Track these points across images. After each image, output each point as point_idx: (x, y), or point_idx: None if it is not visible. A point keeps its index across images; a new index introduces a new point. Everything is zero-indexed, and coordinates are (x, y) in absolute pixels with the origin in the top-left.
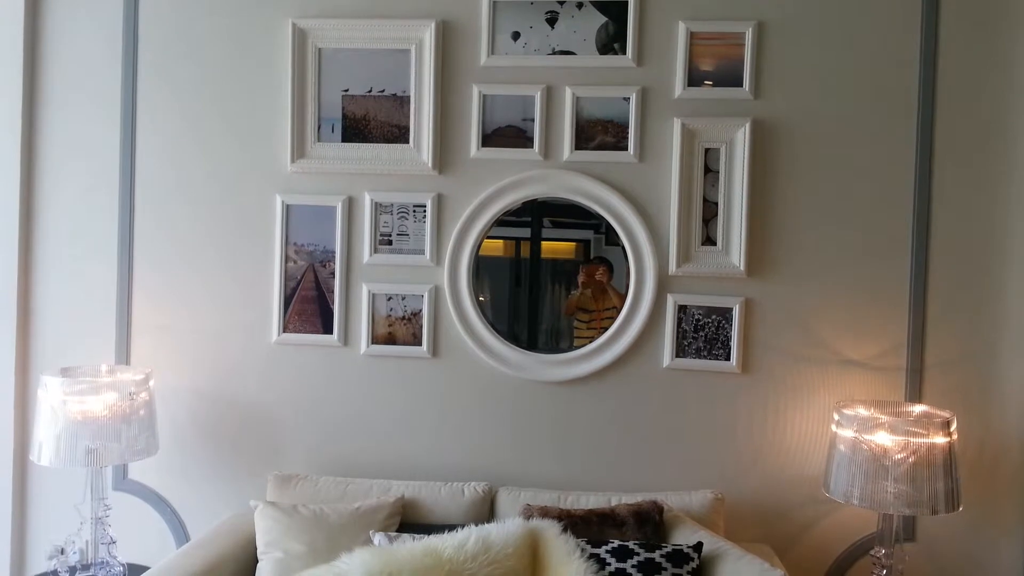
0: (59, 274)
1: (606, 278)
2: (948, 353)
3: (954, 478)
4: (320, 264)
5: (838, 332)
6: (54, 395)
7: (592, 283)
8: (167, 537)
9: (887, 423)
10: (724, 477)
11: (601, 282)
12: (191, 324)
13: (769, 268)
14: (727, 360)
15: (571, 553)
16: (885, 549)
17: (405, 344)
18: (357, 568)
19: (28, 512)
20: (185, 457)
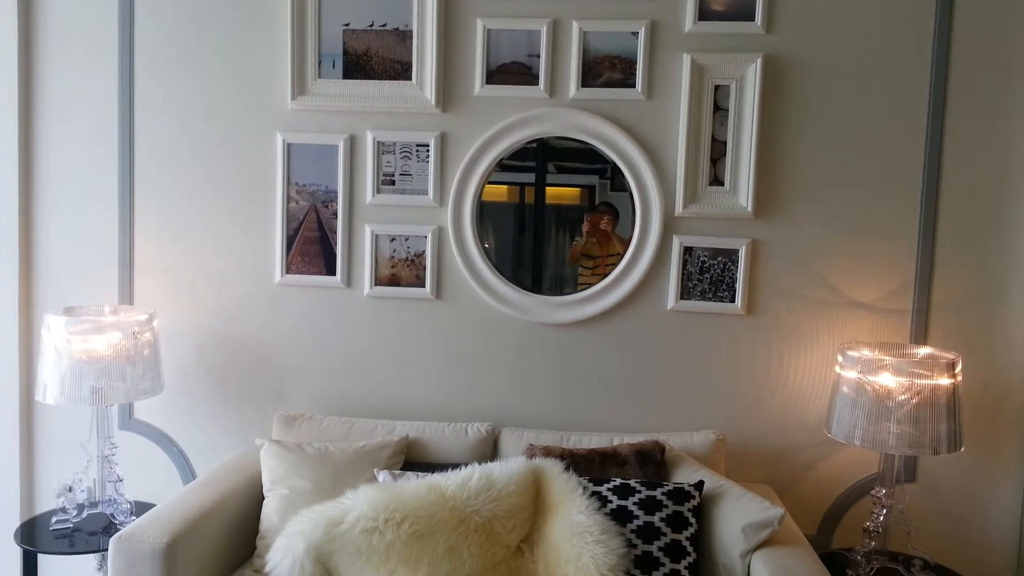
0: (60, 215)
1: (610, 227)
2: (955, 295)
3: (957, 419)
4: (322, 204)
5: (844, 274)
6: (57, 334)
7: (596, 232)
8: (173, 475)
9: (891, 364)
10: (726, 418)
11: (605, 231)
12: (194, 265)
13: (777, 209)
14: (732, 302)
15: (573, 491)
16: (886, 489)
17: (409, 286)
18: (362, 504)
19: (35, 451)
20: (190, 397)
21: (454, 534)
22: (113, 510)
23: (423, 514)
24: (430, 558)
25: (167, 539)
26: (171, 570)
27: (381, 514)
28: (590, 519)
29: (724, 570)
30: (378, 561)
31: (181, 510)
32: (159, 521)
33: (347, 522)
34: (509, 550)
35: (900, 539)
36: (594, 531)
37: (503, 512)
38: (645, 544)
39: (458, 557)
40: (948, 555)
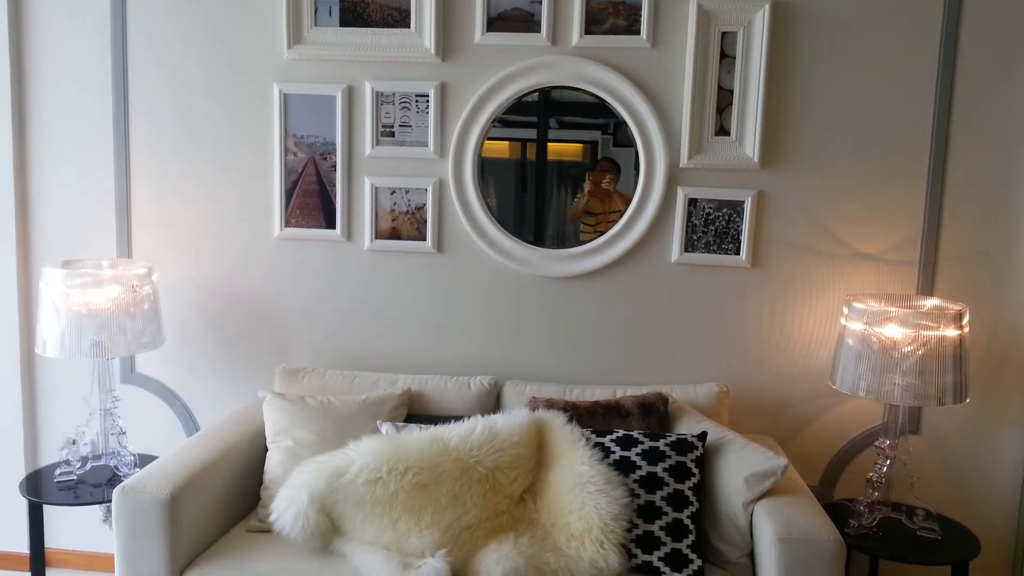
0: (56, 168)
1: (612, 185)
2: (963, 247)
3: (963, 371)
4: (321, 157)
5: (851, 225)
6: (55, 288)
7: (599, 191)
8: (177, 429)
9: (897, 316)
10: (730, 371)
11: (608, 190)
12: (192, 218)
13: (784, 159)
14: (737, 254)
15: (576, 442)
16: (889, 440)
17: (409, 239)
18: (366, 454)
19: (38, 405)
20: (192, 351)
21: (457, 484)
22: (117, 462)
23: (426, 465)
24: (434, 507)
25: (171, 490)
26: (175, 520)
27: (384, 465)
28: (593, 469)
29: (727, 519)
30: (382, 510)
31: (184, 461)
32: (162, 472)
33: (351, 473)
34: (512, 500)
35: (903, 490)
36: (597, 481)
37: (506, 463)
38: (648, 494)
39: (461, 506)
40: (950, 506)
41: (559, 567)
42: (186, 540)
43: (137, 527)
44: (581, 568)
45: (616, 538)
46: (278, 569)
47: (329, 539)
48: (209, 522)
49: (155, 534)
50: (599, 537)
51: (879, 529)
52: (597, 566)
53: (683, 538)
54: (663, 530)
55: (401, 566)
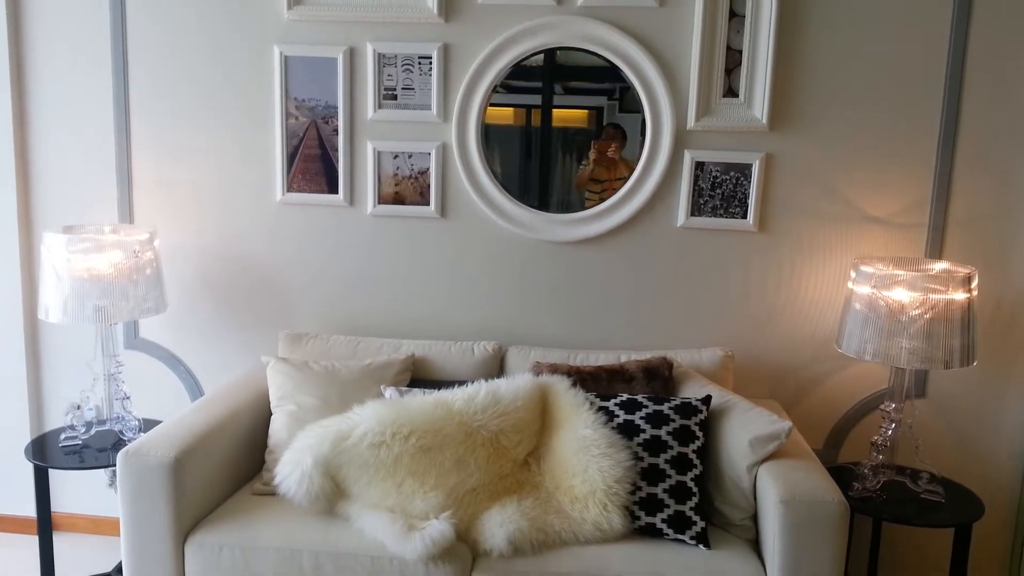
0: (56, 135)
1: (617, 154)
2: (972, 210)
3: (971, 334)
4: (322, 120)
5: (860, 188)
6: (57, 253)
7: (604, 160)
8: (181, 394)
9: (905, 279)
10: (736, 336)
11: (613, 159)
12: (193, 183)
13: (793, 121)
14: (744, 218)
15: (580, 405)
16: (895, 404)
17: (413, 204)
18: (369, 418)
19: (42, 370)
20: (196, 316)
21: (461, 448)
22: (121, 427)
23: (430, 428)
24: (437, 471)
25: (175, 453)
26: (180, 484)
27: (388, 428)
28: (597, 433)
29: (730, 482)
30: (386, 473)
31: (189, 425)
32: (167, 436)
33: (354, 436)
34: (516, 463)
35: (907, 454)
36: (600, 445)
37: (510, 427)
38: (652, 457)
39: (465, 470)
40: (955, 470)
41: (562, 529)
42: (191, 503)
43: (142, 490)
44: (584, 530)
45: (619, 500)
46: (283, 531)
47: (334, 502)
48: (214, 485)
49: (160, 497)
50: (602, 500)
51: (883, 492)
52: (600, 528)
53: (686, 500)
54: (666, 492)
55: (406, 528)
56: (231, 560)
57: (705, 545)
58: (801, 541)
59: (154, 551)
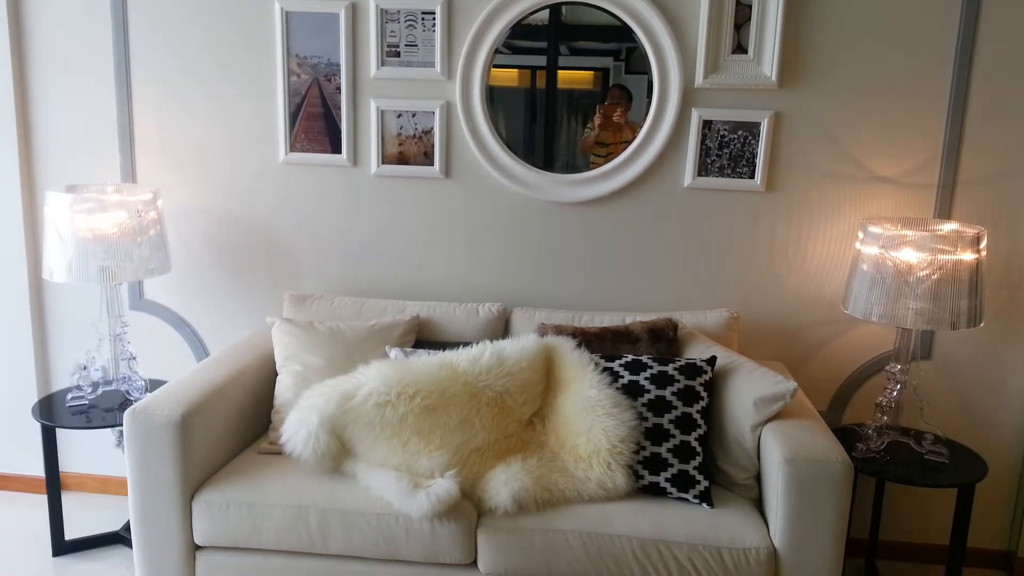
0: (58, 94)
1: (623, 119)
2: (982, 169)
3: (978, 296)
4: (325, 78)
5: (870, 147)
6: (60, 212)
7: (609, 124)
8: (187, 354)
9: (913, 240)
10: (741, 297)
11: (619, 123)
12: (196, 143)
13: (802, 79)
14: (751, 178)
15: (585, 366)
16: (901, 365)
17: (416, 164)
18: (375, 378)
19: (48, 331)
20: (200, 277)
21: (466, 408)
22: (128, 387)
23: (435, 389)
24: (443, 430)
25: (182, 411)
26: (186, 442)
27: (393, 388)
28: (601, 393)
29: (734, 442)
30: (391, 433)
31: (195, 384)
32: (173, 395)
33: (360, 396)
34: (521, 423)
35: (912, 415)
36: (605, 405)
37: (515, 387)
38: (656, 417)
39: (471, 429)
40: (960, 432)
41: (567, 487)
42: (198, 462)
43: (149, 449)
44: (588, 489)
45: (623, 460)
46: (290, 489)
47: (340, 461)
48: (220, 444)
49: (167, 456)
50: (606, 459)
51: (887, 453)
52: (604, 487)
53: (690, 460)
54: (670, 452)
55: (411, 486)
56: (238, 517)
57: (708, 504)
58: (804, 500)
59: (161, 509)
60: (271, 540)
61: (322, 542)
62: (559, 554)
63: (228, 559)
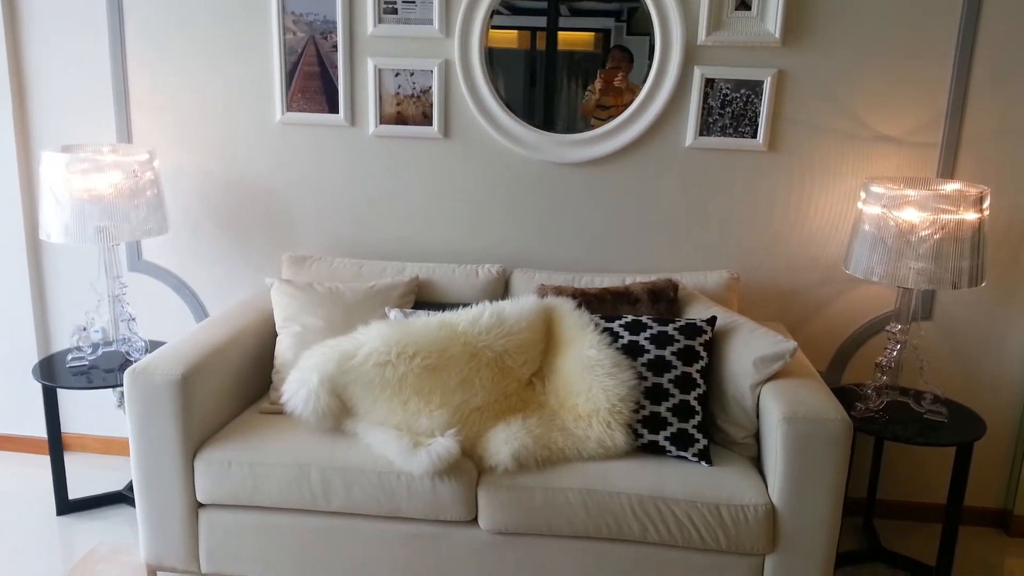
0: (52, 54)
1: (624, 84)
2: (987, 128)
3: (980, 256)
4: (321, 36)
5: (873, 106)
6: (56, 173)
7: (611, 90)
8: (187, 316)
9: (916, 199)
10: (742, 258)
11: (619, 88)
12: (191, 103)
13: (806, 36)
14: (753, 138)
15: (585, 327)
16: (901, 325)
17: (415, 124)
18: (374, 338)
19: (47, 293)
20: (198, 238)
21: (466, 368)
22: (128, 348)
23: (434, 349)
24: (443, 390)
25: (182, 371)
26: (187, 402)
27: (393, 348)
28: (601, 353)
29: (733, 401)
30: (391, 392)
31: (195, 345)
32: (173, 355)
33: (360, 356)
34: (520, 383)
35: (912, 375)
36: (605, 364)
37: (514, 347)
38: (655, 376)
39: (470, 389)
40: (959, 391)
41: (566, 446)
42: (199, 421)
43: (150, 408)
44: (588, 447)
45: (623, 418)
46: (291, 447)
47: (340, 420)
48: (221, 404)
49: (167, 415)
50: (606, 418)
51: (886, 412)
52: (604, 445)
53: (689, 419)
54: (670, 411)
55: (412, 444)
56: (240, 475)
57: (707, 462)
58: (803, 458)
59: (163, 467)
60: (273, 498)
61: (324, 499)
62: (559, 511)
63: (230, 516)
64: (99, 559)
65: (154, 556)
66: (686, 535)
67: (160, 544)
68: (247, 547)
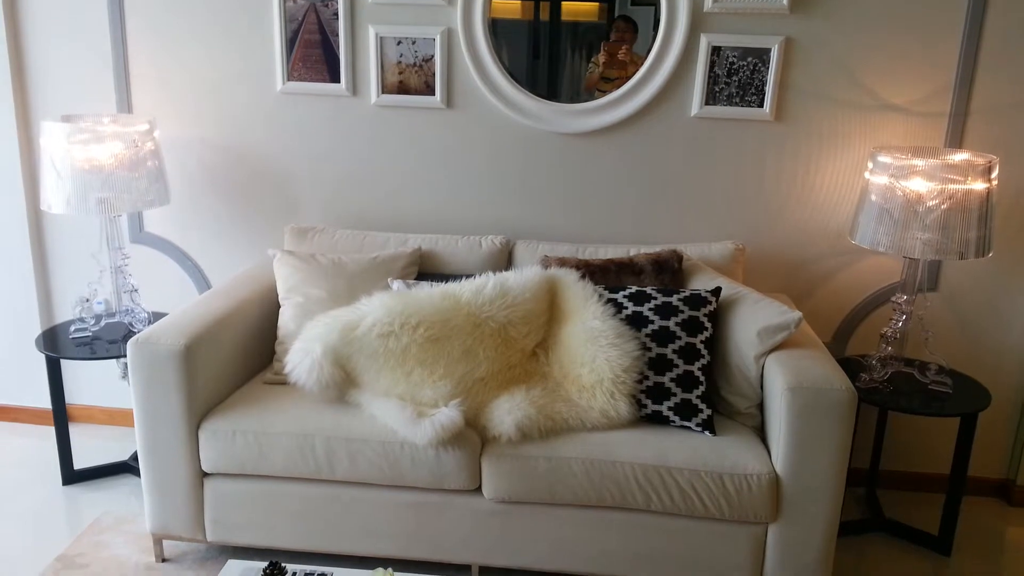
0: (51, 23)
1: (628, 56)
2: (996, 98)
3: (988, 226)
4: (322, 3)
5: (882, 74)
6: (57, 143)
7: (614, 63)
8: (189, 287)
9: (923, 169)
10: (747, 229)
11: (623, 61)
12: (192, 72)
13: (814, 3)
14: (760, 107)
15: (588, 298)
16: (906, 296)
17: (417, 94)
18: (377, 309)
19: (49, 265)
20: (200, 210)
21: (469, 339)
22: (131, 319)
23: (438, 319)
24: (446, 360)
25: (185, 341)
26: (191, 371)
27: (396, 319)
28: (605, 324)
29: (737, 372)
30: (395, 363)
31: (198, 315)
32: (176, 325)
33: (363, 327)
34: (524, 354)
35: (916, 347)
36: (609, 335)
37: (518, 318)
38: (659, 347)
39: (474, 359)
40: (964, 362)
41: (570, 416)
42: (203, 391)
43: (153, 378)
44: (591, 417)
45: (626, 389)
46: (295, 417)
47: (344, 390)
48: (225, 375)
49: (171, 384)
50: (610, 388)
51: (890, 383)
52: (607, 415)
53: (693, 389)
54: (673, 381)
55: (415, 414)
56: (245, 445)
57: (711, 432)
58: (807, 428)
59: (168, 437)
60: (277, 467)
61: (328, 469)
62: (562, 480)
63: (235, 486)
64: (105, 528)
65: (159, 525)
66: (689, 504)
67: (165, 513)
68: (252, 515)
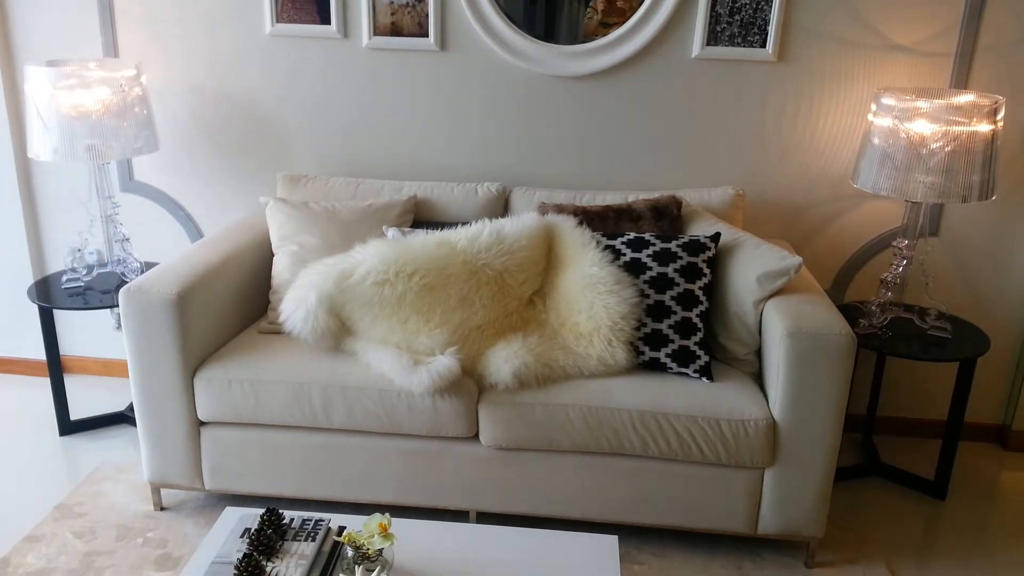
0: None
1: (627, 3)
2: (1003, 37)
3: (992, 169)
4: None
5: (887, 13)
6: (42, 88)
7: (614, 10)
8: (182, 237)
9: (928, 111)
10: (748, 174)
11: (622, 8)
12: (178, 14)
13: None
14: (763, 47)
15: (586, 244)
16: (907, 241)
17: (411, 36)
18: (372, 257)
19: (39, 214)
20: (191, 157)
21: (465, 286)
22: (123, 269)
23: (433, 267)
24: (442, 308)
25: (178, 289)
26: (184, 320)
27: (391, 267)
28: (603, 271)
29: (736, 318)
30: (390, 311)
31: (191, 264)
32: (169, 273)
33: (357, 275)
34: (521, 302)
35: (916, 292)
36: (607, 282)
37: (514, 265)
38: (657, 294)
39: (470, 307)
40: (963, 308)
41: (567, 364)
42: (197, 340)
43: (146, 327)
44: (589, 365)
45: (624, 336)
46: (291, 366)
47: (340, 339)
48: (219, 324)
49: (165, 333)
50: (607, 335)
51: (889, 329)
52: (605, 363)
53: (691, 335)
54: (671, 328)
55: (412, 363)
56: (240, 393)
57: (708, 378)
58: (805, 373)
59: (163, 386)
60: (274, 415)
61: (325, 417)
62: (559, 427)
63: (232, 434)
64: (103, 477)
65: (157, 474)
66: (686, 449)
67: (163, 462)
68: (250, 463)
